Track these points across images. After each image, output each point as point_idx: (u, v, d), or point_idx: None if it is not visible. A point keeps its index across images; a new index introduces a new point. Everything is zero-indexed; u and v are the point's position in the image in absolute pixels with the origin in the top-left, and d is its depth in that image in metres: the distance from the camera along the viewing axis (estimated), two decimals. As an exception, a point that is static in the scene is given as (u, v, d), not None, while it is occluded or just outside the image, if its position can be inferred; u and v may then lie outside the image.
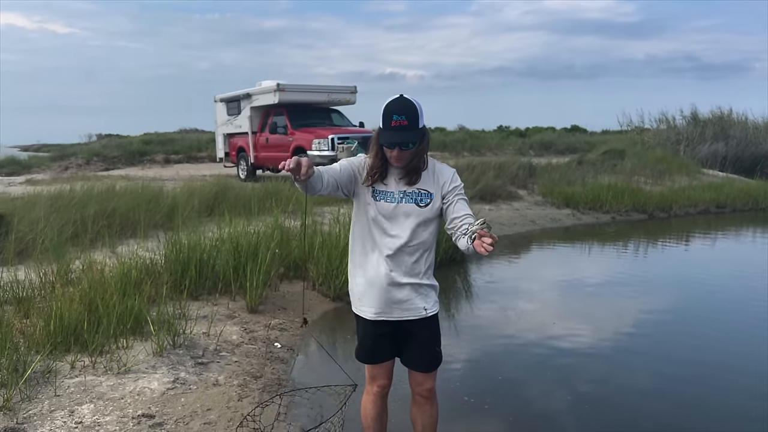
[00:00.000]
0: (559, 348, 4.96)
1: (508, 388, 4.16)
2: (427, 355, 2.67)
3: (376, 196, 2.53)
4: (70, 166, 22.88)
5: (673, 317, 6.00)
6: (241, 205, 8.16)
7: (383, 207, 2.51)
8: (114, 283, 4.75)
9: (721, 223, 12.63)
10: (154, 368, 3.88)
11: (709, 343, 5.14)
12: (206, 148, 25.27)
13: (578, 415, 3.75)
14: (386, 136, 2.41)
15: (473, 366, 4.58)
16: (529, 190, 13.48)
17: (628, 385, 4.24)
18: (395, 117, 2.37)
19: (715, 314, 6.03)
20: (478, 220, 2.29)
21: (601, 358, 4.76)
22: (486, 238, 2.20)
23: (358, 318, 2.69)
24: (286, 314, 5.44)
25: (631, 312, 6.06)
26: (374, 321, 2.60)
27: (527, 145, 28.73)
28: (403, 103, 2.40)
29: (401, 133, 2.38)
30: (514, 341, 5.15)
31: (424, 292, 2.61)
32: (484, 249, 2.19)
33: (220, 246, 5.85)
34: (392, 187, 2.52)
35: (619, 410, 3.83)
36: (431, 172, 2.55)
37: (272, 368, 4.25)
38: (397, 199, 2.51)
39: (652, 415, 3.72)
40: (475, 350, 4.93)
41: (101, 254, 6.15)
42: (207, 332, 4.60)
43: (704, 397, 4.04)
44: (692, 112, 24.70)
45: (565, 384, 4.21)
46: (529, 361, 4.72)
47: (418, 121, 2.41)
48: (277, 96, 15.27)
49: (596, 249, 9.81)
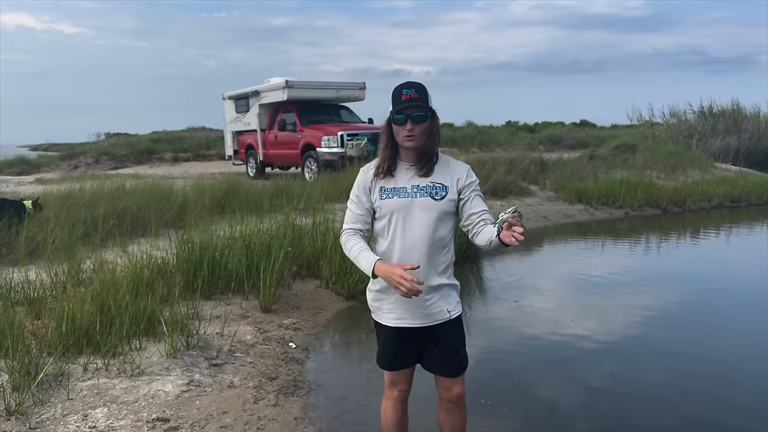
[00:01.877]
0: (576, 347, 4.85)
1: (525, 389, 4.06)
2: (452, 359, 2.56)
3: (384, 194, 2.45)
4: (79, 164, 22.93)
5: (696, 316, 5.87)
6: (252, 203, 8.09)
7: (395, 204, 2.42)
8: (126, 284, 4.69)
9: (736, 217, 12.45)
10: (168, 370, 3.81)
11: (727, 340, 5.03)
12: (214, 145, 25.26)
13: (598, 416, 3.65)
14: (398, 110, 2.36)
15: (490, 366, 4.47)
16: (540, 185, 13.34)
17: (647, 383, 4.12)
18: (405, 91, 2.36)
19: (735, 310, 5.89)
20: (510, 207, 2.20)
21: (620, 357, 4.66)
22: (517, 227, 2.11)
23: (377, 325, 2.60)
24: (299, 313, 5.36)
25: (651, 310, 5.93)
26: (395, 328, 2.51)
27: (537, 140, 28.52)
28: (411, 82, 2.42)
29: (412, 104, 2.35)
30: (530, 340, 5.05)
31: (446, 293, 2.51)
32: (514, 239, 2.10)
33: (233, 245, 5.77)
34: (403, 182, 2.43)
35: (639, 410, 3.72)
36: (445, 166, 2.47)
37: (288, 369, 4.17)
38: (411, 194, 2.42)
39: (672, 416, 3.63)
40: (491, 349, 4.82)
41: (112, 254, 6.10)
42: (221, 332, 4.53)
43: (722, 393, 3.96)
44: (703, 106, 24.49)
45: (583, 384, 4.11)
46: (547, 360, 4.62)
47: (428, 98, 2.39)
48: (285, 93, 15.20)
49: (611, 245, 9.67)
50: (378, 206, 2.46)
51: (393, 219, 2.43)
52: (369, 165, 2.54)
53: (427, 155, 2.44)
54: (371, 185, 2.48)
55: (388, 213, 2.44)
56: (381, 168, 2.45)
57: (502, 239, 2.16)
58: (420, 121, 2.36)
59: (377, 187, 2.47)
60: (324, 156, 13.98)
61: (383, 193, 2.45)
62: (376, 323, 2.60)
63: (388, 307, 2.50)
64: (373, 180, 2.48)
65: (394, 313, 2.49)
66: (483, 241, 2.34)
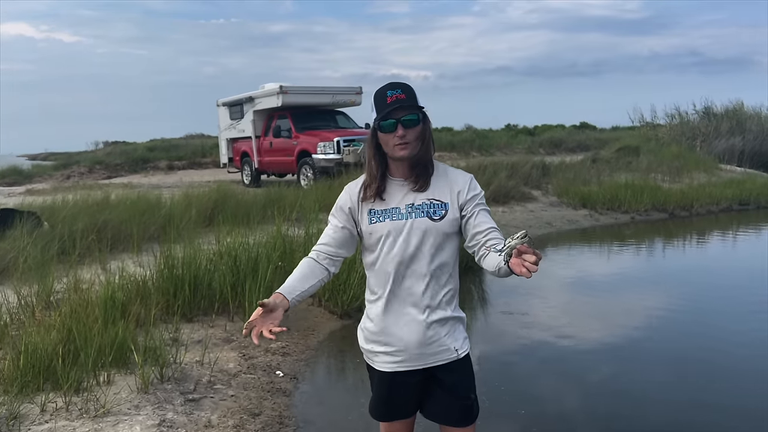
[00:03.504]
0: (580, 352, 4.82)
1: (528, 391, 4.08)
2: (459, 406, 2.12)
3: (373, 217, 2.05)
4: (72, 174, 22.55)
5: (703, 321, 5.65)
6: (241, 214, 7.68)
7: (387, 228, 2.02)
8: (97, 308, 4.28)
9: (746, 220, 12.04)
10: (137, 408, 3.40)
11: (731, 344, 4.97)
12: (210, 153, 24.89)
13: (599, 419, 3.70)
14: (385, 115, 1.97)
15: (494, 369, 4.42)
16: (543, 190, 12.95)
17: (650, 388, 4.08)
18: (390, 93, 1.98)
19: (741, 315, 5.75)
20: (518, 232, 1.78)
21: (622, 363, 4.62)
22: (528, 255, 1.70)
23: (369, 369, 2.19)
24: (289, 335, 4.95)
25: (657, 317, 5.77)
26: (391, 372, 2.11)
27: (537, 144, 28.15)
28: (396, 81, 2.05)
29: (401, 107, 1.96)
30: (536, 346, 4.94)
31: (452, 328, 2.10)
32: (525, 269, 1.69)
33: (217, 260, 5.37)
34: (395, 202, 2.04)
35: (640, 414, 3.71)
36: (442, 178, 2.06)
37: (273, 402, 3.76)
38: (405, 215, 2.02)
39: (673, 420, 3.63)
40: (495, 354, 4.75)
41: (91, 272, 5.69)
42: (200, 360, 4.12)
43: (725, 398, 3.94)
44: (705, 107, 24.09)
45: (585, 388, 4.14)
46: (551, 365, 4.60)
47: (416, 98, 2.01)
48: (280, 99, 14.83)
49: (617, 251, 9.28)
50: (367, 233, 2.06)
51: (385, 246, 2.03)
52: (356, 182, 2.13)
53: (421, 165, 2.04)
54: (357, 207, 2.07)
55: (379, 240, 2.04)
56: (370, 189, 2.06)
57: (512, 268, 1.76)
58: (412, 125, 1.98)
59: (364, 209, 2.06)
60: (320, 163, 13.60)
61: (372, 216, 2.05)
62: (368, 367, 2.19)
63: (381, 349, 2.09)
64: (359, 200, 2.07)
65: (390, 356, 2.08)
66: (491, 267, 1.94)
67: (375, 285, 2.09)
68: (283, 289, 1.98)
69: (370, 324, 2.12)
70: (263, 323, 1.87)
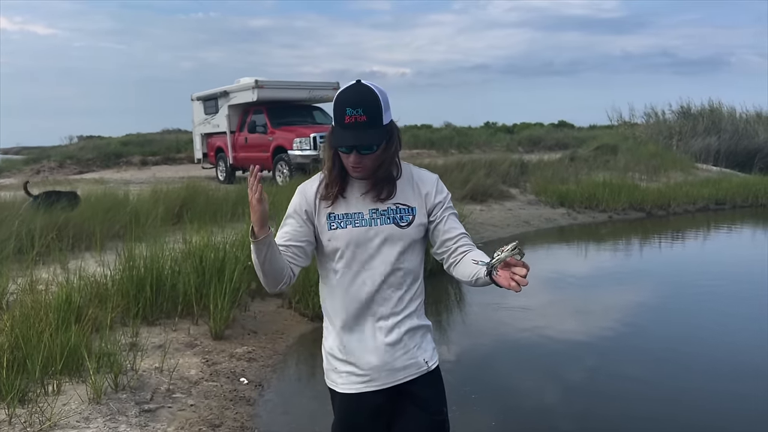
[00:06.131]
0: (559, 347, 4.90)
1: (508, 383, 4.16)
2: (431, 422, 1.94)
3: (334, 223, 1.84)
4: (42, 169, 21.97)
5: (677, 316, 5.74)
6: (211, 212, 7.44)
7: (349, 235, 1.82)
8: (51, 311, 4.03)
9: (722, 219, 12.06)
10: (87, 421, 3.17)
11: (707, 338, 5.09)
12: (185, 148, 24.37)
13: (578, 406, 3.80)
14: (339, 137, 1.74)
15: (474, 363, 4.52)
16: (521, 188, 12.85)
17: (626, 380, 4.21)
18: (349, 111, 1.71)
19: (717, 310, 5.84)
20: (509, 244, 1.61)
21: (600, 356, 4.70)
22: (518, 268, 1.56)
23: (331, 392, 2.00)
24: (256, 339, 4.75)
25: (632, 312, 5.90)
26: (357, 394, 1.92)
27: (516, 142, 28.10)
28: (360, 93, 1.73)
29: (358, 133, 1.71)
30: (514, 341, 4.99)
31: (421, 339, 1.93)
32: (515, 283, 1.55)
33: (182, 260, 5.13)
34: (358, 207, 1.84)
35: (618, 405, 3.84)
36: (409, 181, 1.87)
37: (235, 412, 3.55)
38: (368, 222, 1.82)
39: (652, 412, 3.67)
40: (475, 349, 4.77)
41: (49, 272, 5.42)
42: (159, 367, 3.89)
43: (699, 391, 4.02)
44: (681, 106, 24.26)
45: (562, 388, 4.14)
46: (531, 359, 4.68)
47: (381, 115, 1.74)
48: (255, 93, 14.53)
49: (595, 250, 9.20)
50: (325, 238, 1.84)
51: (346, 255, 1.83)
52: (310, 182, 1.91)
53: (383, 180, 1.83)
54: (314, 208, 1.85)
55: (339, 248, 1.83)
56: (329, 191, 1.84)
57: (498, 281, 1.60)
58: (369, 152, 1.76)
59: (323, 212, 1.85)
60: (296, 159, 13.34)
61: (332, 221, 1.83)
62: (329, 389, 2.00)
63: (345, 369, 1.91)
64: (316, 203, 1.85)
65: (354, 377, 1.89)
66: (465, 276, 1.77)
67: (334, 298, 1.90)
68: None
69: (330, 342, 1.93)
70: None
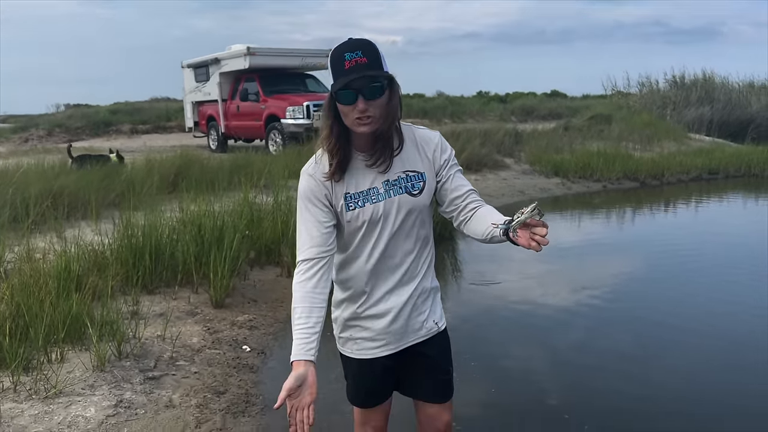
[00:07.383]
0: (552, 317, 4.94)
1: (497, 369, 4.00)
2: (440, 381, 2.00)
3: (351, 202, 1.77)
4: (30, 138, 21.70)
5: (670, 286, 5.79)
6: (207, 180, 7.38)
7: (369, 213, 1.77)
8: (50, 280, 4.00)
9: (715, 189, 12.13)
10: (92, 388, 3.17)
11: (697, 310, 5.09)
12: (175, 117, 24.08)
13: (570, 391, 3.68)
14: (341, 84, 1.62)
15: (471, 333, 4.46)
16: (516, 158, 12.83)
17: (616, 351, 4.25)
18: (347, 56, 1.61)
19: (707, 280, 5.95)
20: (529, 206, 1.60)
21: (591, 326, 4.73)
22: (539, 228, 1.56)
23: (344, 358, 2.01)
24: (257, 308, 4.75)
25: (625, 282, 5.97)
26: (370, 359, 1.93)
27: (509, 111, 27.99)
28: (355, 41, 1.65)
29: (362, 76, 1.61)
30: (504, 319, 4.89)
31: (431, 300, 1.95)
32: (536, 243, 1.56)
33: (181, 229, 5.10)
34: (369, 181, 1.77)
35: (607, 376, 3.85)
36: (413, 144, 1.81)
37: (239, 380, 3.57)
38: (384, 195, 1.77)
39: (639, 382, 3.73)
40: (465, 329, 4.59)
41: (45, 240, 5.37)
42: (162, 335, 3.89)
43: (686, 360, 4.05)
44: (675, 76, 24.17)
45: (555, 361, 4.15)
46: (526, 328, 4.71)
47: (381, 60, 1.65)
48: (247, 60, 14.33)
49: (590, 220, 9.23)
50: (345, 219, 1.78)
51: (363, 229, 1.79)
52: (312, 166, 1.79)
53: (383, 139, 1.74)
54: (329, 192, 1.76)
55: (358, 228, 1.79)
56: (332, 166, 1.74)
57: (518, 242, 1.59)
58: (376, 96, 1.63)
59: (338, 193, 1.77)
60: (289, 128, 13.24)
61: (350, 201, 1.77)
62: (341, 355, 2.01)
63: (359, 335, 1.91)
64: (329, 185, 1.76)
65: (368, 342, 1.90)
66: (478, 234, 1.75)
67: (348, 268, 1.87)
68: (297, 353, 1.70)
69: (343, 309, 1.93)
70: (299, 403, 1.66)
